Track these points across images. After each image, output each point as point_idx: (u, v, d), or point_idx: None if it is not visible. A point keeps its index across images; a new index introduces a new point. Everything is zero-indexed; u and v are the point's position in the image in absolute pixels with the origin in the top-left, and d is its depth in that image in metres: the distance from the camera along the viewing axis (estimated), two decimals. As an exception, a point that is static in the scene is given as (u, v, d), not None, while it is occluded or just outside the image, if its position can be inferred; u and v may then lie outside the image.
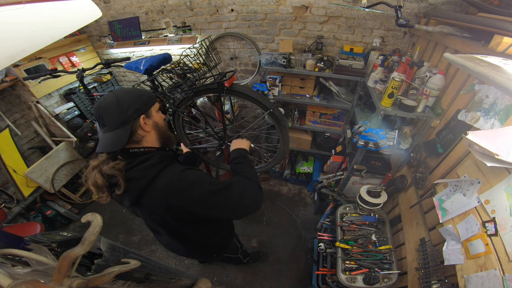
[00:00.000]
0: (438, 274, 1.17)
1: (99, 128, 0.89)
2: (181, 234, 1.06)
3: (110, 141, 0.85)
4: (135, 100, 0.89)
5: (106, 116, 0.85)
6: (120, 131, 0.86)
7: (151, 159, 0.87)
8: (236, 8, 2.28)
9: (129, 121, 0.87)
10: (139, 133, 0.90)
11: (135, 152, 0.89)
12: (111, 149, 0.85)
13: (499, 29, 1.05)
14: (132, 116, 0.87)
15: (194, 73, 1.52)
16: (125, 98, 0.88)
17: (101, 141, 0.88)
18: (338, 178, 2.34)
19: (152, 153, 0.91)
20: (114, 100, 0.86)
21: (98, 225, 0.80)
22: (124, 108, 0.86)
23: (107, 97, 0.87)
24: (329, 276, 1.74)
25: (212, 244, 1.28)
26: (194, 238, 1.10)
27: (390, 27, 2.00)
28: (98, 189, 0.85)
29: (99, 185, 0.84)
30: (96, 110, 0.86)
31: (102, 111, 0.85)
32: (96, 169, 0.85)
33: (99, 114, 0.86)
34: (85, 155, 3.04)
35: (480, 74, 0.86)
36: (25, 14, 1.08)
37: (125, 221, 2.72)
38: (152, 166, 0.86)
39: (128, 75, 3.31)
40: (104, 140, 0.86)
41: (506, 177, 0.90)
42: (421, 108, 1.52)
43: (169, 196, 0.84)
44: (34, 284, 0.63)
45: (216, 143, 1.82)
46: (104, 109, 0.85)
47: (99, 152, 0.87)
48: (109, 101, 0.86)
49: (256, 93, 1.67)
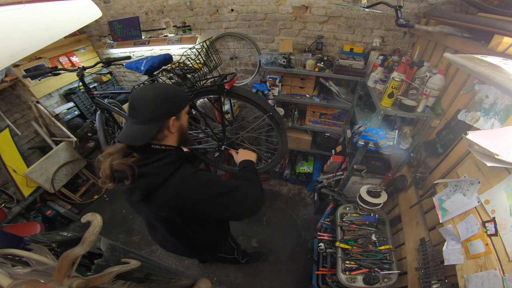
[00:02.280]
0: (438, 274, 1.17)
1: (129, 119, 0.89)
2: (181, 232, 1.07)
3: (136, 134, 0.85)
4: (170, 100, 0.90)
5: (140, 108, 0.86)
6: (148, 127, 0.87)
7: (168, 158, 0.89)
8: (236, 8, 2.28)
9: (160, 120, 0.89)
10: (164, 132, 0.92)
11: (155, 148, 0.90)
12: (134, 142, 0.85)
13: (499, 29, 1.05)
14: (164, 115, 0.89)
15: (194, 73, 1.52)
16: (162, 96, 0.88)
17: (125, 131, 0.88)
18: (338, 178, 2.33)
19: (169, 151, 0.93)
20: (151, 95, 0.86)
21: (98, 225, 0.80)
22: (158, 106, 0.87)
23: (146, 90, 0.88)
24: (329, 276, 1.75)
25: (208, 244, 1.30)
26: (194, 237, 1.11)
27: (390, 27, 2.00)
28: (104, 176, 0.86)
29: (106, 174, 0.85)
30: (132, 100, 0.87)
31: (137, 103, 0.86)
32: (109, 158, 0.85)
33: (133, 104, 0.86)
34: (85, 155, 3.05)
35: (480, 74, 0.86)
36: (25, 14, 1.08)
37: (125, 221, 2.72)
38: (169, 164, 0.88)
39: (128, 75, 3.31)
40: (129, 132, 0.87)
41: (506, 177, 0.90)
42: (421, 108, 1.52)
43: (181, 194, 0.87)
44: (34, 284, 0.63)
45: (215, 144, 1.82)
46: (140, 101, 0.86)
47: (120, 141, 0.87)
48: (147, 94, 0.86)
49: (256, 96, 1.68)
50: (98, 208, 2.89)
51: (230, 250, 1.71)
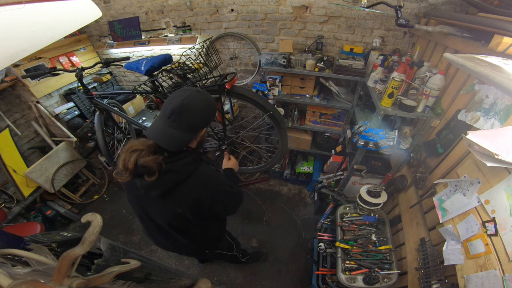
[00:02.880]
0: (438, 274, 1.17)
1: (166, 119, 0.86)
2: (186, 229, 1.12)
3: (174, 139, 0.87)
4: (211, 112, 0.95)
5: (187, 116, 0.85)
6: (188, 134, 0.90)
7: (190, 157, 0.93)
8: (236, 8, 2.28)
9: (199, 130, 0.94)
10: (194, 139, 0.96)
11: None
12: (171, 147, 0.87)
13: (499, 29, 1.05)
14: (203, 126, 0.94)
15: (194, 73, 1.52)
16: (208, 108, 0.92)
17: (161, 133, 0.87)
18: (338, 178, 2.34)
19: (189, 151, 0.97)
20: (202, 107, 0.89)
21: (98, 225, 0.80)
22: (204, 119, 0.91)
23: (197, 101, 0.87)
24: (329, 276, 1.75)
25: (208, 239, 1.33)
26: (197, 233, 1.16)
27: (390, 27, 2.00)
28: (125, 169, 0.85)
29: (129, 168, 0.84)
30: (181, 106, 0.84)
31: (185, 110, 0.85)
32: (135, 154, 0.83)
33: (180, 110, 0.84)
34: (85, 155, 3.04)
35: (480, 74, 0.86)
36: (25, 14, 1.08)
37: (125, 221, 2.72)
38: (191, 162, 0.93)
39: (128, 75, 3.31)
40: (166, 135, 0.86)
41: (506, 177, 0.90)
42: (421, 108, 1.52)
43: (202, 191, 0.95)
44: (34, 284, 0.63)
45: (216, 143, 1.82)
46: (190, 109, 0.85)
47: (155, 141, 0.87)
48: (198, 106, 0.87)
49: (256, 95, 1.68)
50: (98, 208, 2.89)
51: (228, 247, 1.73)
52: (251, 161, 3.01)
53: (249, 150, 2.84)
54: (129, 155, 0.84)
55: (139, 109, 3.06)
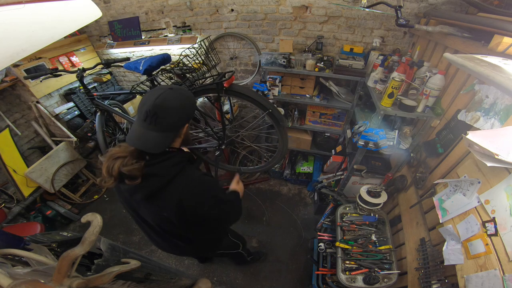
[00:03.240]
0: (438, 274, 1.17)
1: (142, 122, 0.83)
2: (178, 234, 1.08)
3: (154, 142, 0.84)
4: (190, 108, 0.91)
5: (164, 117, 0.82)
6: (167, 135, 0.86)
7: (173, 159, 0.90)
8: (236, 8, 2.28)
9: (179, 129, 0.89)
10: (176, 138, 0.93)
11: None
12: (152, 150, 0.84)
13: (499, 29, 1.05)
14: (183, 124, 0.90)
15: (193, 73, 1.52)
16: (187, 105, 0.88)
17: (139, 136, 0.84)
18: (338, 178, 2.33)
19: (174, 153, 0.93)
20: (178, 105, 0.85)
21: (98, 225, 0.80)
22: (181, 117, 0.87)
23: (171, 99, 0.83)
24: (329, 276, 1.74)
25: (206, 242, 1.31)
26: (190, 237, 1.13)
27: (390, 27, 2.00)
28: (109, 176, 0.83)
29: (113, 174, 0.82)
30: (154, 107, 0.80)
31: (160, 110, 0.81)
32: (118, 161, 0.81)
33: (155, 111, 0.81)
34: (85, 155, 3.04)
35: (480, 74, 0.86)
36: (25, 14, 1.08)
37: (125, 221, 2.72)
38: (174, 165, 0.89)
39: (128, 75, 3.31)
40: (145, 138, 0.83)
41: (506, 177, 0.90)
42: (421, 108, 1.52)
43: (185, 196, 0.89)
44: (34, 284, 0.63)
45: (216, 143, 1.82)
46: (165, 109, 0.82)
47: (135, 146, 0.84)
48: (173, 104, 0.83)
49: (255, 93, 1.68)
50: (98, 208, 2.89)
51: (232, 245, 1.71)
52: (251, 161, 3.01)
53: (249, 149, 2.84)
54: (112, 162, 0.82)
55: (139, 109, 3.06)
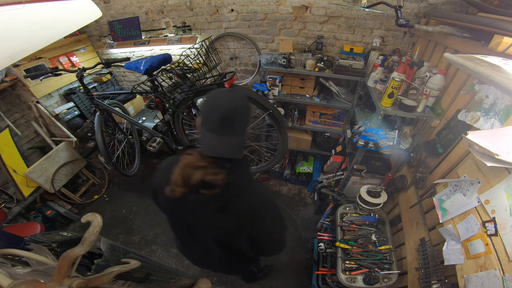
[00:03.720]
0: (438, 274, 1.17)
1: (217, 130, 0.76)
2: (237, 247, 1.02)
3: (235, 147, 0.80)
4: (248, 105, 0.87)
5: (237, 119, 0.78)
6: (242, 137, 0.82)
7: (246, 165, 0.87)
8: (236, 8, 2.28)
9: (247, 127, 0.85)
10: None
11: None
12: (237, 155, 0.81)
13: (499, 29, 1.05)
14: (248, 121, 0.86)
15: (194, 73, 1.53)
16: (248, 104, 0.86)
17: (222, 145, 0.78)
18: (338, 178, 2.34)
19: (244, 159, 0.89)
20: (246, 105, 0.83)
21: (98, 225, 0.80)
22: (249, 115, 0.84)
23: (238, 100, 0.79)
24: (329, 276, 1.74)
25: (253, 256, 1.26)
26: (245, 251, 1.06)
27: (390, 27, 2.00)
28: (185, 185, 0.78)
29: (191, 183, 0.77)
30: (229, 111, 0.76)
31: (234, 113, 0.77)
32: (200, 170, 0.77)
33: (228, 115, 0.76)
34: (85, 155, 3.05)
35: (480, 74, 0.86)
36: (25, 14, 1.08)
37: (125, 221, 2.72)
38: (247, 172, 0.88)
39: (128, 75, 3.31)
40: (227, 144, 0.78)
41: (506, 177, 0.90)
42: (421, 108, 1.52)
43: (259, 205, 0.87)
44: (34, 284, 0.62)
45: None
46: (237, 111, 0.78)
47: (218, 155, 0.78)
48: (242, 104, 0.81)
49: (256, 94, 1.68)
50: (98, 208, 2.88)
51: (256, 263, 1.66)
52: (251, 160, 3.01)
53: (249, 149, 2.84)
54: (190, 171, 0.77)
55: (139, 109, 3.06)
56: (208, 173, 0.77)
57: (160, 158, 3.37)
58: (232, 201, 0.83)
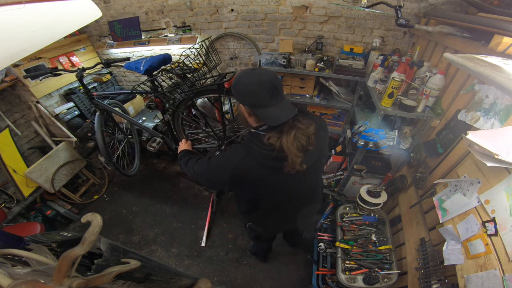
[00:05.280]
0: (438, 274, 1.17)
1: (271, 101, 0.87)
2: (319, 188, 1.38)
3: (290, 105, 0.92)
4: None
5: (279, 84, 0.90)
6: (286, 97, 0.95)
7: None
8: (236, 8, 2.28)
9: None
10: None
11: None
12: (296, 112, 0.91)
13: (499, 29, 1.05)
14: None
15: (194, 73, 1.52)
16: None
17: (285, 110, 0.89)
18: (338, 178, 2.34)
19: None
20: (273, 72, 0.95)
21: (98, 225, 0.80)
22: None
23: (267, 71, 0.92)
24: (329, 276, 1.74)
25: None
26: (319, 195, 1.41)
27: (390, 27, 2.00)
28: (303, 151, 0.90)
29: (304, 147, 0.91)
30: (273, 81, 0.88)
31: (277, 82, 0.89)
32: (306, 131, 0.91)
33: (275, 84, 0.88)
34: (85, 155, 3.04)
35: (480, 74, 0.86)
36: (25, 14, 1.08)
37: (125, 221, 2.72)
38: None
39: (128, 75, 3.31)
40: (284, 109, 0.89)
41: (506, 177, 0.90)
42: (421, 108, 1.52)
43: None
44: (34, 284, 0.62)
45: (216, 143, 1.82)
46: (278, 80, 0.91)
47: (287, 118, 0.88)
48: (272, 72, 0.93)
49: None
50: (98, 208, 2.88)
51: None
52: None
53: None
54: (296, 142, 0.89)
55: (139, 109, 3.06)
56: (308, 130, 0.91)
57: (160, 158, 3.38)
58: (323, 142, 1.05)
